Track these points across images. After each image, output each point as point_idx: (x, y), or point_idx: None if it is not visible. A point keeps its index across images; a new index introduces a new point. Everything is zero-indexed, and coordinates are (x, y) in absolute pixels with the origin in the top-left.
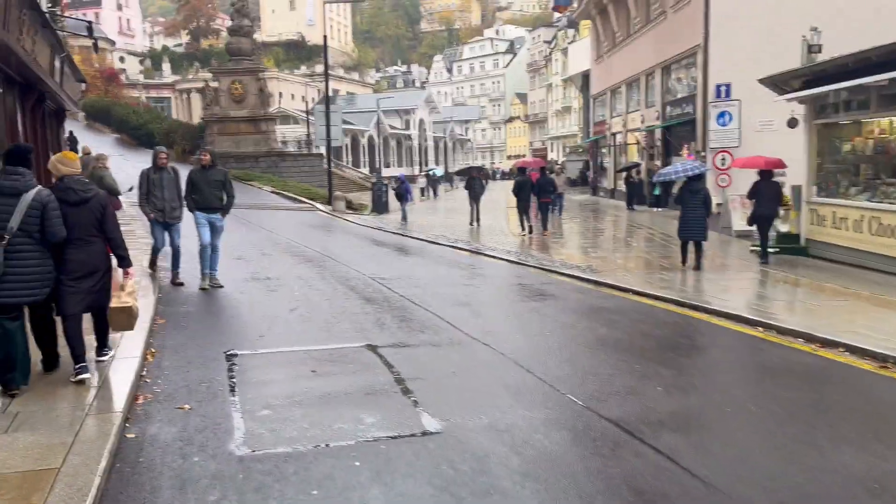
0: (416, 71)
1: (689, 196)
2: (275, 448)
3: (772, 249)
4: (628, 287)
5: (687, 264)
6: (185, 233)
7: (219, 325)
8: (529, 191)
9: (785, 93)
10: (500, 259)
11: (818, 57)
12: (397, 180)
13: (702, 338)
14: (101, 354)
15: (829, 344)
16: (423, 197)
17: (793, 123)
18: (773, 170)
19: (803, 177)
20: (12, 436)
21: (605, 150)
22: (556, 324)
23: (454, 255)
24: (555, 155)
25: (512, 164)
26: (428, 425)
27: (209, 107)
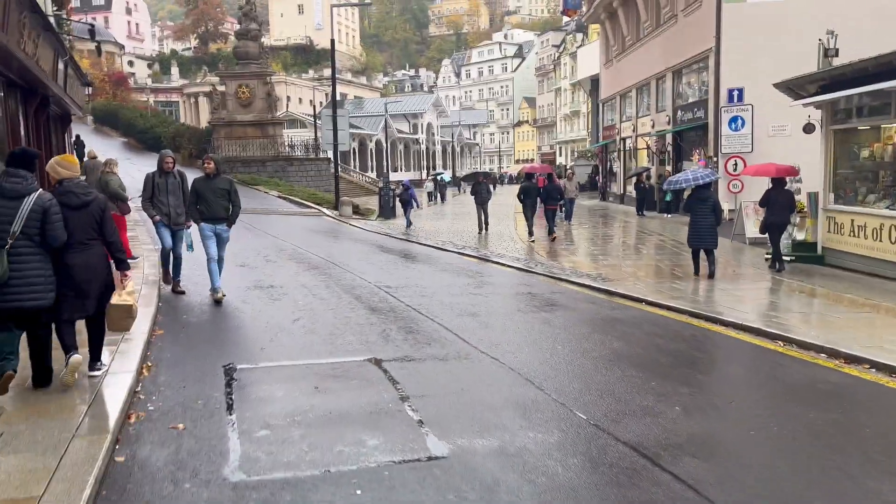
0: (424, 75)
1: (697, 204)
2: (272, 473)
3: (788, 258)
4: (641, 297)
5: (700, 273)
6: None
7: (219, 336)
8: (535, 196)
9: (801, 97)
10: (508, 266)
11: (834, 61)
12: (402, 186)
13: (720, 352)
14: (93, 368)
15: (853, 360)
16: (431, 202)
17: (809, 129)
18: (784, 178)
19: (819, 183)
20: None
21: (614, 155)
22: (567, 336)
23: (461, 262)
24: (563, 159)
25: (519, 168)
26: (433, 449)
27: (216, 111)
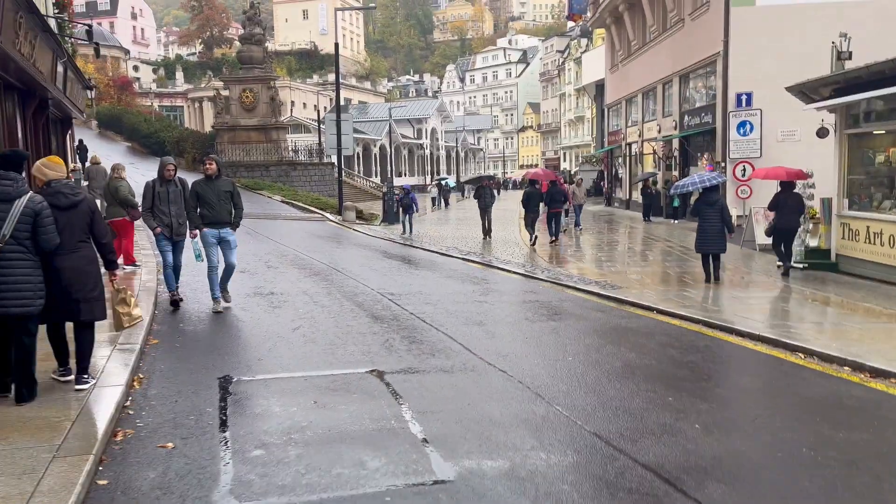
0: (429, 80)
1: (705, 208)
2: (265, 499)
3: (800, 265)
4: (652, 305)
5: (711, 280)
6: (187, 243)
7: (215, 345)
8: (538, 202)
9: (813, 101)
10: (513, 273)
11: (847, 64)
12: (402, 190)
13: (737, 364)
14: (80, 382)
15: (879, 374)
16: (435, 207)
17: (823, 133)
18: (794, 181)
19: (833, 189)
20: None
21: (619, 160)
22: (577, 346)
23: (466, 269)
24: (567, 165)
25: (523, 173)
26: (439, 471)
27: (220, 115)
